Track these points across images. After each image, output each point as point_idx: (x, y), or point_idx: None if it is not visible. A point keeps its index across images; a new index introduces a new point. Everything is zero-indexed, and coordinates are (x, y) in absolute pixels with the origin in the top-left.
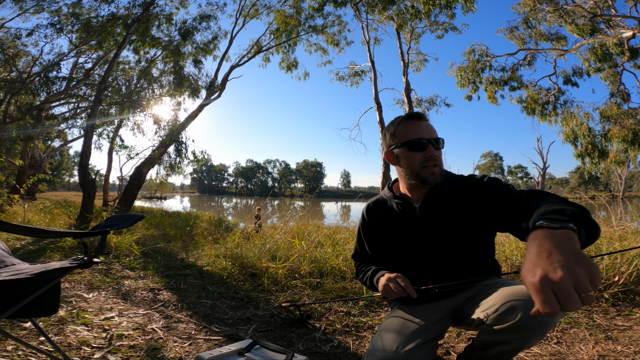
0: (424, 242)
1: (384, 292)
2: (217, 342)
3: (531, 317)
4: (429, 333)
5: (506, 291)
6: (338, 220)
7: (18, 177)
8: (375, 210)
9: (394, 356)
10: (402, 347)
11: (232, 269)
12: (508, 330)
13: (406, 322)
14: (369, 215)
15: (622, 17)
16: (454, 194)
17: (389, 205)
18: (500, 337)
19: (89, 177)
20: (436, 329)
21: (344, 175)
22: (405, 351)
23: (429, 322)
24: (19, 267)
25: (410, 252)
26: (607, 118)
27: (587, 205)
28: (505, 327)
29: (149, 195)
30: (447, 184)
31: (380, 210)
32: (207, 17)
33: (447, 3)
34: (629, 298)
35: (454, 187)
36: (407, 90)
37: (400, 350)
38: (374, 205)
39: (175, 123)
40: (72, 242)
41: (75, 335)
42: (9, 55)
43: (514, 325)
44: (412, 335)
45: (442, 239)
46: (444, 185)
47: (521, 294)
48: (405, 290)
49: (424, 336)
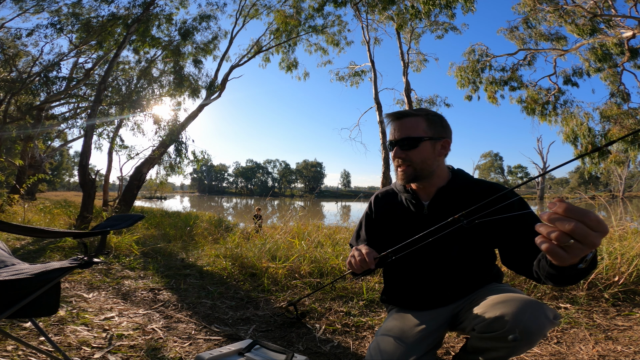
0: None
1: (348, 266)
2: (217, 342)
3: (518, 327)
4: (428, 344)
5: (497, 299)
6: (338, 220)
7: (18, 177)
8: (384, 202)
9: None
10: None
11: (232, 269)
12: (496, 339)
13: (405, 332)
14: (376, 205)
15: (622, 17)
16: (465, 197)
17: (398, 198)
18: (489, 344)
19: (89, 177)
20: (434, 339)
21: (344, 175)
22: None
23: (427, 332)
24: (19, 267)
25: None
26: (607, 118)
27: (587, 205)
28: (493, 335)
29: (149, 195)
30: (461, 186)
31: (389, 202)
32: (207, 17)
33: (447, 3)
34: (629, 298)
35: (466, 191)
36: (407, 90)
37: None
38: (383, 196)
39: (175, 123)
40: (72, 242)
41: (75, 335)
42: (9, 55)
43: (501, 335)
44: (411, 348)
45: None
46: (456, 185)
47: (511, 302)
48: (366, 259)
49: (423, 348)
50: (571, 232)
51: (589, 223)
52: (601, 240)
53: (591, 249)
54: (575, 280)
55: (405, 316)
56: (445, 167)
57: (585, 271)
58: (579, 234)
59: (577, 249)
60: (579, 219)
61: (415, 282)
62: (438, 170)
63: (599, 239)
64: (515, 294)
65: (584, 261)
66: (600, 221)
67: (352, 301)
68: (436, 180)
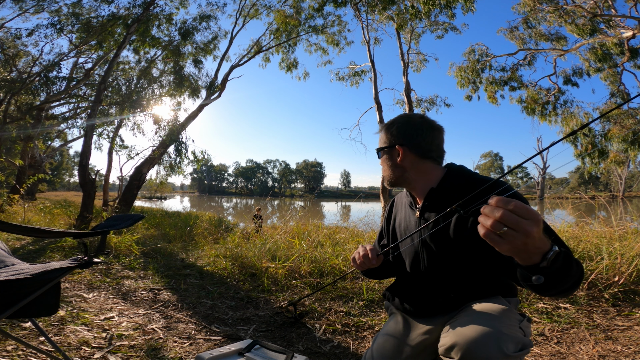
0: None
1: (352, 263)
2: (217, 342)
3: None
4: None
5: (464, 321)
6: (338, 221)
7: (18, 177)
8: (397, 203)
9: None
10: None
11: (232, 269)
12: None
13: (399, 342)
14: (390, 206)
15: (622, 17)
16: (458, 194)
17: (405, 200)
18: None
19: (89, 177)
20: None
21: (344, 175)
22: None
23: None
24: (19, 267)
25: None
26: (607, 118)
27: (587, 205)
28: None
29: (149, 195)
30: (452, 184)
31: (400, 203)
32: (207, 17)
33: (447, 3)
34: (629, 298)
35: (458, 188)
36: (407, 90)
37: None
38: (399, 197)
39: (175, 123)
40: (72, 242)
41: (75, 335)
42: (9, 55)
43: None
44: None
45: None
46: (447, 184)
47: (469, 329)
48: (369, 255)
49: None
50: (501, 219)
51: (517, 211)
52: (536, 229)
53: (526, 237)
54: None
55: (400, 323)
56: (434, 168)
57: (558, 274)
58: (508, 220)
59: (511, 235)
60: (508, 208)
61: (412, 286)
62: (414, 174)
63: (533, 227)
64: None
65: (545, 260)
66: (529, 209)
67: (352, 301)
68: (422, 182)
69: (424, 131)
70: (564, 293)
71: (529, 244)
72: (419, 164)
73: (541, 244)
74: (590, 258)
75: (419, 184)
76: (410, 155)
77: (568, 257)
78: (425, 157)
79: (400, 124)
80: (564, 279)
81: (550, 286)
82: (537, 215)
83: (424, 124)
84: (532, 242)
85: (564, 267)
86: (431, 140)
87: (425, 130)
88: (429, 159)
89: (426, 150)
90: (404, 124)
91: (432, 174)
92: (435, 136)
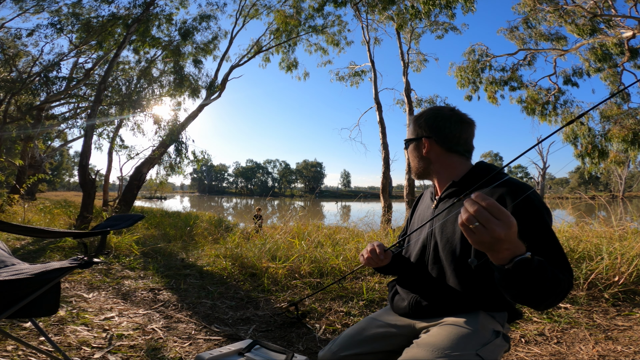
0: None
1: (360, 260)
2: (217, 342)
3: None
4: (376, 345)
5: (421, 342)
6: (338, 221)
7: (18, 177)
8: (423, 197)
9: (329, 357)
10: (340, 352)
11: (232, 269)
12: None
13: (365, 328)
14: (417, 200)
15: (622, 17)
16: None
17: (429, 193)
18: None
19: (89, 177)
20: (388, 345)
21: (344, 175)
22: (339, 357)
23: (381, 335)
24: (19, 267)
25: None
26: (607, 118)
27: (587, 205)
28: None
29: (149, 195)
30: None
31: (424, 196)
32: (207, 17)
33: (447, 3)
34: (629, 298)
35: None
36: (407, 90)
37: (336, 355)
38: (426, 192)
39: (175, 123)
40: (72, 242)
41: (75, 335)
42: (9, 55)
43: None
44: (358, 342)
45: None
46: (470, 180)
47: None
48: (377, 251)
49: (369, 347)
50: (475, 213)
51: (489, 209)
52: (505, 232)
53: (491, 235)
54: (510, 284)
55: (382, 314)
56: (460, 163)
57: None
58: (479, 216)
59: (480, 231)
60: (481, 204)
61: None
62: (439, 166)
63: (501, 229)
64: (440, 348)
65: (512, 262)
66: (502, 211)
67: (352, 301)
68: (446, 175)
69: (452, 124)
70: (532, 302)
71: (495, 243)
72: (445, 157)
73: (512, 247)
74: (590, 258)
75: (444, 176)
76: (436, 147)
77: (542, 267)
78: (452, 150)
79: (428, 116)
80: (529, 286)
81: (508, 285)
82: (510, 218)
83: (453, 116)
84: (499, 243)
85: (533, 275)
86: (459, 134)
87: (454, 124)
88: (455, 152)
89: (453, 144)
90: (432, 116)
91: (458, 167)
92: (464, 130)
